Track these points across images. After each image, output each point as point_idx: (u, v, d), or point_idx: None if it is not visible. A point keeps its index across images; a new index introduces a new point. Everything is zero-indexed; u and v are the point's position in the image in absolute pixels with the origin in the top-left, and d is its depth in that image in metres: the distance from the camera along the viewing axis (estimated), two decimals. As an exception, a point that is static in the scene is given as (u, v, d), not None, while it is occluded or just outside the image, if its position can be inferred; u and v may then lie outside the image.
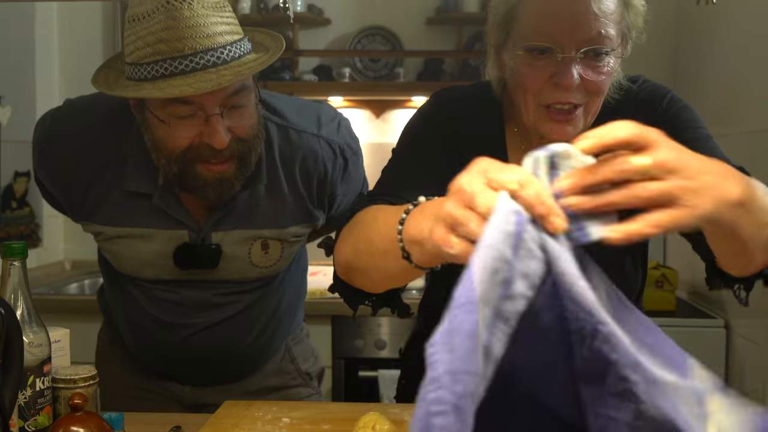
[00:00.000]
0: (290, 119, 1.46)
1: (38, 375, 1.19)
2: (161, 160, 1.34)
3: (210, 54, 1.24)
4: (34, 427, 1.19)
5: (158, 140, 1.32)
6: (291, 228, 1.48)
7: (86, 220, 1.47)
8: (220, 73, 1.24)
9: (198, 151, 1.30)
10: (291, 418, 1.30)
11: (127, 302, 1.53)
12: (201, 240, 1.43)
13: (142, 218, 1.43)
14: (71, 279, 3.14)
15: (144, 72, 1.26)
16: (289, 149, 1.44)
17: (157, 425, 1.30)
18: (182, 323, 1.49)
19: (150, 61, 1.24)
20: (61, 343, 1.31)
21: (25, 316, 1.18)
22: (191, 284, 1.48)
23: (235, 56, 1.27)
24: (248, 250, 1.46)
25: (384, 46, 3.31)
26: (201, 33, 1.23)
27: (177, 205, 1.42)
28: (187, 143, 1.30)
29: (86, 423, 0.99)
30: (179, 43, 1.23)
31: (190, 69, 1.23)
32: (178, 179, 1.34)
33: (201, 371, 1.55)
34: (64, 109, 1.49)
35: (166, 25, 1.22)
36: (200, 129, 1.29)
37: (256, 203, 1.44)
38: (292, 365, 1.66)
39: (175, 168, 1.33)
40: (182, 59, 1.23)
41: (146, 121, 1.33)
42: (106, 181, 1.42)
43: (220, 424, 1.26)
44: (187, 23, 1.23)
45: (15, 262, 1.18)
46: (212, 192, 1.34)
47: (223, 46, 1.26)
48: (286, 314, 1.61)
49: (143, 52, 1.25)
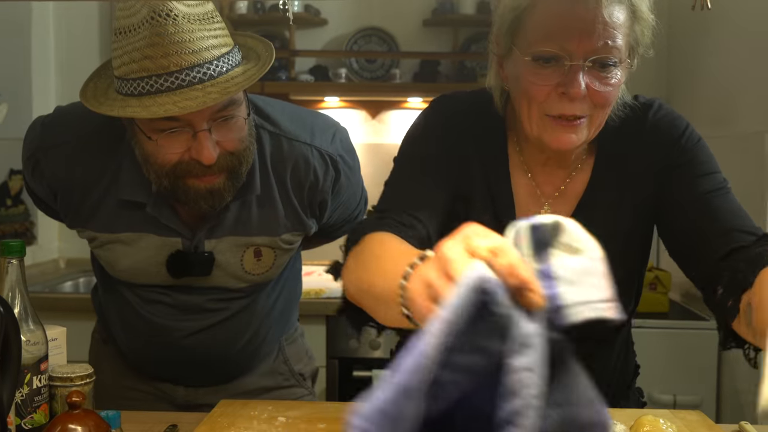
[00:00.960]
0: (283, 127, 1.45)
1: (35, 373, 1.19)
2: (151, 174, 1.33)
3: (196, 70, 1.22)
4: (30, 424, 1.19)
5: (148, 155, 1.31)
6: (283, 235, 1.47)
7: (81, 226, 1.46)
8: (207, 90, 1.23)
9: (187, 167, 1.30)
10: (287, 417, 1.31)
11: (120, 305, 1.53)
12: (194, 248, 1.43)
13: (136, 226, 1.42)
14: (66, 277, 3.13)
15: (130, 87, 1.25)
16: (280, 157, 1.44)
17: (152, 424, 1.31)
18: (175, 326, 1.49)
19: (136, 77, 1.23)
20: (57, 342, 1.31)
21: (22, 315, 1.18)
22: (184, 289, 1.48)
23: (222, 71, 1.26)
24: (241, 258, 1.46)
25: (380, 47, 3.32)
26: (186, 49, 1.22)
27: (170, 213, 1.41)
28: (176, 159, 1.29)
29: (84, 420, 0.99)
30: (164, 60, 1.21)
31: (175, 86, 1.22)
32: (170, 192, 1.34)
33: (194, 373, 1.55)
34: (56, 118, 1.48)
35: (152, 41, 1.21)
36: (188, 144, 1.28)
37: (249, 211, 1.43)
38: (285, 366, 1.66)
39: (165, 182, 1.32)
40: (167, 76, 1.22)
41: (135, 135, 1.33)
42: (102, 188, 1.42)
43: (216, 423, 1.27)
44: (172, 39, 1.21)
45: (12, 260, 1.19)
46: (204, 203, 1.34)
47: (209, 62, 1.24)
48: (280, 317, 1.61)
49: (129, 67, 1.24)
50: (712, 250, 1.18)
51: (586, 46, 1.13)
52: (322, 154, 1.46)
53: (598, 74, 1.15)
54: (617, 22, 1.14)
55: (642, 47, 1.21)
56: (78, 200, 1.43)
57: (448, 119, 1.32)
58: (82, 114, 1.41)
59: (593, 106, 1.18)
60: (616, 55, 1.15)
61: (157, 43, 1.21)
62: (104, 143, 1.41)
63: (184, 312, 1.49)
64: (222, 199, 1.35)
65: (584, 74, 1.14)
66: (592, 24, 1.12)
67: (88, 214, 1.44)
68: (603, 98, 1.17)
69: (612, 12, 1.13)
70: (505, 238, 0.69)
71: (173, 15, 1.21)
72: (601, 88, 1.16)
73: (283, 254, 1.51)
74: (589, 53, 1.13)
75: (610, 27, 1.13)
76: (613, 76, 1.16)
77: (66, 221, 1.50)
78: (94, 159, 1.41)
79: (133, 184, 1.39)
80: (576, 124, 1.18)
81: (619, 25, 1.14)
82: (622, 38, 1.15)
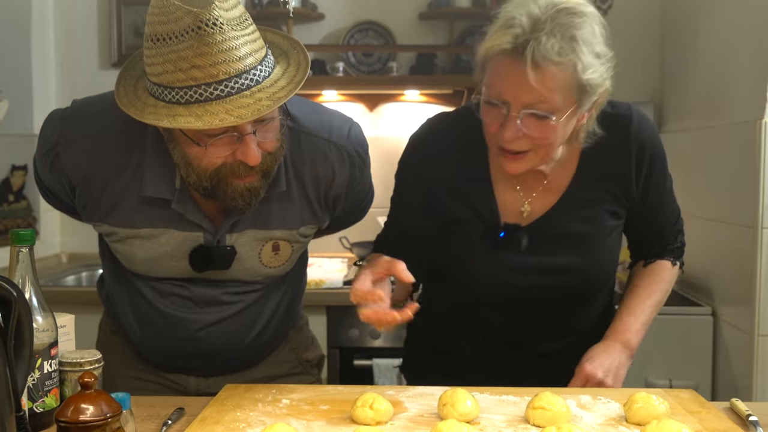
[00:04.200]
0: (302, 123, 1.47)
1: (46, 358, 1.23)
2: (192, 176, 1.34)
3: (243, 77, 1.24)
4: (42, 408, 1.23)
5: (191, 158, 1.32)
6: (300, 229, 1.50)
7: (99, 221, 1.47)
8: (255, 96, 1.24)
9: (231, 168, 1.32)
10: (290, 399, 1.34)
11: (135, 297, 1.55)
12: (216, 242, 1.45)
13: (157, 222, 1.44)
14: (68, 271, 3.16)
15: (176, 95, 1.24)
16: (299, 152, 1.46)
17: (160, 407, 1.34)
18: (190, 318, 1.51)
19: (183, 86, 1.23)
20: (66, 328, 1.35)
21: (33, 301, 1.22)
22: (201, 282, 1.50)
23: (265, 75, 1.27)
24: (259, 251, 1.48)
25: (377, 40, 3.35)
26: (233, 57, 1.22)
27: (195, 208, 1.43)
28: (221, 162, 1.31)
29: (96, 400, 1.02)
30: (213, 69, 1.21)
31: (225, 94, 1.23)
32: (209, 191, 1.36)
33: (207, 364, 1.58)
34: (76, 111, 1.47)
35: (199, 51, 1.20)
36: (234, 147, 1.30)
37: (268, 205, 1.46)
38: (293, 354, 1.69)
39: (207, 183, 1.34)
40: (217, 85, 1.22)
41: (176, 139, 1.33)
42: (123, 183, 1.42)
43: (222, 406, 1.30)
44: (219, 48, 1.21)
45: (23, 249, 1.22)
46: (242, 201, 1.37)
47: (254, 67, 1.25)
48: (288, 308, 1.64)
49: (174, 76, 1.23)
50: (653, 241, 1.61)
51: (520, 101, 1.33)
52: (339, 150, 1.48)
53: (534, 121, 1.35)
54: (551, 85, 1.31)
55: (602, 86, 1.37)
56: (97, 194, 1.44)
57: (424, 164, 1.54)
58: (104, 108, 1.42)
59: (533, 144, 1.38)
60: (548, 109, 1.33)
61: (206, 53, 1.21)
62: (127, 138, 1.42)
63: (199, 305, 1.51)
64: (258, 197, 1.38)
65: (521, 121, 1.34)
66: (527, 84, 1.31)
67: (107, 208, 1.44)
68: (540, 140, 1.37)
69: (544, 75, 1.30)
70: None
71: (219, 23, 1.20)
72: (537, 134, 1.36)
73: (299, 248, 1.54)
74: (522, 107, 1.34)
75: (540, 89, 1.31)
76: (549, 123, 1.34)
77: (83, 215, 1.50)
78: (117, 154, 1.42)
79: (157, 180, 1.40)
80: (519, 156, 1.40)
81: (554, 85, 1.32)
82: (560, 94, 1.33)
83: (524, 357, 1.56)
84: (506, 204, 1.51)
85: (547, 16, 1.31)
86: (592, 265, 1.52)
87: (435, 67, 3.31)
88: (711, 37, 2.72)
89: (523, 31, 1.31)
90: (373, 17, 3.34)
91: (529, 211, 1.50)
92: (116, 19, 3.36)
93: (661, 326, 2.55)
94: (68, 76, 3.36)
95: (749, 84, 2.36)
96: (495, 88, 1.35)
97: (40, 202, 3.15)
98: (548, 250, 1.49)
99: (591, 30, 1.34)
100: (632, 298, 1.57)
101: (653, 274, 1.59)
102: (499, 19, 1.37)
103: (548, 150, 1.40)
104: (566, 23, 1.32)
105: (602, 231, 1.51)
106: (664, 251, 1.60)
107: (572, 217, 1.49)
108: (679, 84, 3.04)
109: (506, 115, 1.35)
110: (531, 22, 1.31)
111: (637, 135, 1.49)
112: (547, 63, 1.30)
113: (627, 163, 1.49)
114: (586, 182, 1.50)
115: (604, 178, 1.50)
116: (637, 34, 3.24)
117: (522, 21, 1.32)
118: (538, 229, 1.49)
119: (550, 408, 1.21)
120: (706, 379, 2.59)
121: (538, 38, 1.29)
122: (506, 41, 1.32)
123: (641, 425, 1.20)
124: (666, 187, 1.56)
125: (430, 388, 1.39)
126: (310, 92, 3.27)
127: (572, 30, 1.32)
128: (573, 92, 1.34)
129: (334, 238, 2.70)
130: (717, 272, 2.60)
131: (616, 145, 1.48)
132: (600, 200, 1.50)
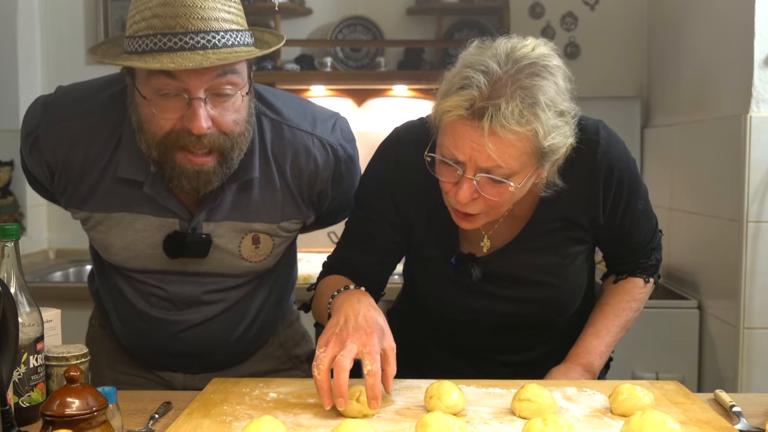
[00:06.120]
0: (285, 115, 1.46)
1: (32, 353, 1.22)
2: (143, 143, 1.34)
3: (201, 36, 1.25)
4: (28, 402, 1.22)
5: (142, 121, 1.33)
6: (282, 223, 1.49)
7: (77, 207, 1.47)
8: (207, 55, 1.25)
9: (178, 137, 1.30)
10: (278, 393, 1.34)
11: (116, 297, 1.54)
12: (191, 229, 1.44)
13: (132, 205, 1.43)
14: (55, 267, 3.16)
15: (136, 45, 1.27)
16: (281, 145, 1.45)
17: (147, 401, 1.34)
18: (171, 320, 1.51)
19: (143, 35, 1.26)
20: (52, 323, 1.34)
21: (18, 296, 1.21)
22: (179, 277, 1.49)
23: (227, 44, 1.28)
24: (239, 244, 1.47)
25: (365, 35, 3.35)
26: (195, 14, 1.24)
27: (167, 193, 1.42)
28: (169, 126, 1.30)
29: (81, 394, 1.02)
30: (172, 20, 1.24)
31: (178, 47, 1.24)
32: (158, 165, 1.35)
33: (192, 362, 1.57)
34: (58, 96, 1.48)
35: (164, 1, 1.24)
36: (182, 112, 1.29)
37: (248, 197, 1.45)
38: (281, 350, 1.69)
39: (155, 153, 1.33)
40: (172, 36, 1.24)
41: (134, 100, 1.34)
42: (100, 167, 1.42)
43: (209, 400, 1.30)
44: (183, 2, 1.24)
45: (8, 243, 1.22)
46: (188, 183, 1.35)
47: (216, 31, 1.26)
48: (277, 304, 1.64)
49: (138, 26, 1.26)
50: (627, 255, 1.56)
51: (477, 165, 1.25)
52: (323, 143, 1.47)
53: (491, 185, 1.27)
54: (510, 149, 1.22)
55: (565, 146, 1.28)
56: (76, 179, 1.44)
57: (391, 173, 1.46)
58: (84, 94, 1.43)
59: (486, 205, 1.31)
60: (505, 174, 1.25)
61: (169, 3, 1.24)
62: (105, 123, 1.42)
63: (179, 306, 1.50)
64: (209, 182, 1.36)
65: (476, 182, 1.27)
66: (481, 149, 1.22)
67: (85, 193, 1.44)
68: (493, 202, 1.30)
69: (502, 143, 1.22)
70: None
71: None
72: (492, 196, 1.28)
73: (281, 242, 1.52)
74: (478, 170, 1.26)
75: (502, 154, 1.23)
76: (506, 187, 1.27)
77: (61, 201, 1.50)
78: (95, 138, 1.42)
79: (132, 162, 1.40)
80: (470, 217, 1.34)
81: (513, 150, 1.23)
82: (519, 159, 1.24)
83: (491, 366, 1.55)
84: (467, 233, 1.45)
85: (508, 77, 1.21)
86: (555, 293, 1.48)
87: (423, 62, 3.31)
88: (697, 32, 2.74)
89: (481, 95, 1.20)
90: (361, 12, 3.35)
91: (489, 245, 1.46)
92: (103, 14, 3.35)
93: (647, 319, 2.57)
94: (54, 72, 3.35)
95: (735, 79, 2.38)
96: (450, 149, 1.27)
97: (26, 199, 3.14)
98: (506, 282, 1.47)
99: (555, 89, 1.24)
100: (600, 317, 1.52)
101: (624, 291, 1.54)
102: (454, 75, 1.27)
103: (501, 209, 1.35)
104: (527, 86, 1.21)
105: (566, 258, 1.47)
106: (637, 268, 1.55)
107: (534, 247, 1.45)
108: (666, 79, 3.06)
109: (461, 176, 1.27)
110: (489, 84, 1.21)
111: (604, 159, 1.40)
112: (506, 132, 1.20)
113: (594, 189, 1.42)
114: (550, 212, 1.44)
115: (569, 207, 1.43)
116: (623, 30, 3.26)
117: (479, 81, 1.21)
118: (496, 260, 1.46)
119: (535, 400, 1.22)
120: (692, 371, 2.61)
121: (496, 105, 1.19)
122: (462, 107, 1.22)
123: (626, 416, 1.21)
124: (638, 208, 1.47)
125: (417, 380, 1.39)
126: (298, 87, 3.27)
127: (534, 94, 1.21)
128: (532, 157, 1.26)
129: (322, 233, 2.69)
130: (703, 266, 2.62)
131: (582, 173, 1.40)
132: (563, 228, 1.45)
